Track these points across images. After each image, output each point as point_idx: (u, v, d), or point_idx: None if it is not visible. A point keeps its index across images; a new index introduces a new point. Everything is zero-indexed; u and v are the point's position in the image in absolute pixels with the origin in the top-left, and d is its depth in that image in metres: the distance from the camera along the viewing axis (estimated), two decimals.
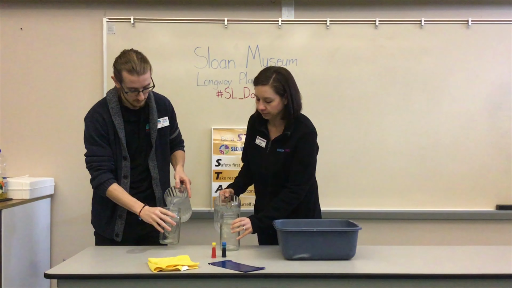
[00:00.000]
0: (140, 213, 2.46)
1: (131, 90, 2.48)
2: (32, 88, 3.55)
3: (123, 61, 2.46)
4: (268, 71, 2.53)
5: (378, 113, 3.54)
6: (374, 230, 3.50)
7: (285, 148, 2.55)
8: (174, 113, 2.80)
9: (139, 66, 2.44)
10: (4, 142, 3.52)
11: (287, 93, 2.50)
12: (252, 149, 2.70)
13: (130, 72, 2.43)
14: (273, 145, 2.59)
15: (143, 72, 2.45)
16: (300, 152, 2.54)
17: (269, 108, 2.51)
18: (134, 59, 2.45)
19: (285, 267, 2.16)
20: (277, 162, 2.56)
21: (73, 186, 3.54)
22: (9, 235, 3.09)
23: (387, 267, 2.20)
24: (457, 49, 3.53)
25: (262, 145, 2.64)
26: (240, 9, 3.54)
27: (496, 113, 3.54)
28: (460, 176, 3.54)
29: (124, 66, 2.45)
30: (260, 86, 2.50)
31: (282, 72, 2.53)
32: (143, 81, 2.46)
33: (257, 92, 2.53)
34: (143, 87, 2.48)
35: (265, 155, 2.61)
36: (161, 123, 2.68)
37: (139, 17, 3.50)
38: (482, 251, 2.57)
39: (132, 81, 2.45)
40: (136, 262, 2.23)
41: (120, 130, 2.56)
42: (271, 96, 2.49)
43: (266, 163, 2.60)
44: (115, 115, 2.56)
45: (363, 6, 3.56)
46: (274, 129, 2.63)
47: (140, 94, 2.49)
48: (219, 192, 2.76)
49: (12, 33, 3.54)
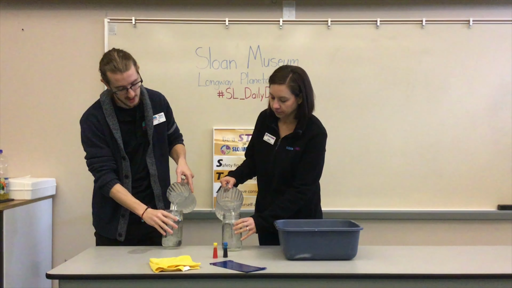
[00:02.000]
0: (143, 216, 2.46)
1: (119, 89, 2.47)
2: (33, 88, 3.56)
3: (105, 62, 2.46)
4: (285, 70, 2.53)
5: (379, 113, 3.55)
6: (376, 230, 3.50)
7: (295, 147, 2.56)
8: (169, 108, 2.79)
9: (121, 63, 2.43)
10: (6, 142, 3.53)
11: (303, 93, 2.51)
12: (259, 145, 2.69)
13: (113, 71, 2.43)
14: (283, 142, 2.60)
15: (125, 69, 2.43)
16: (310, 152, 2.55)
17: (284, 107, 2.51)
18: (115, 57, 2.44)
19: (286, 267, 2.16)
20: (285, 160, 2.56)
21: (75, 187, 3.55)
22: (11, 236, 3.09)
23: (388, 267, 2.19)
24: (458, 49, 3.53)
25: (270, 142, 2.63)
26: (241, 10, 3.55)
27: (497, 112, 3.54)
28: (461, 176, 3.54)
29: (107, 67, 2.45)
30: (276, 85, 2.50)
31: (298, 72, 2.53)
32: (128, 78, 2.45)
33: (272, 91, 2.52)
34: (129, 83, 2.46)
35: (273, 152, 2.61)
36: (157, 119, 2.67)
37: (140, 17, 3.51)
38: (484, 251, 2.57)
39: (117, 79, 2.44)
40: (138, 263, 2.23)
41: (115, 131, 2.55)
42: (286, 96, 2.49)
43: (273, 160, 2.60)
44: (109, 116, 2.56)
45: (364, 6, 3.56)
46: (284, 127, 2.64)
47: (129, 91, 2.47)
48: (220, 179, 2.70)
49: (14, 33, 3.55)
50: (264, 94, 3.53)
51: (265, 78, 3.52)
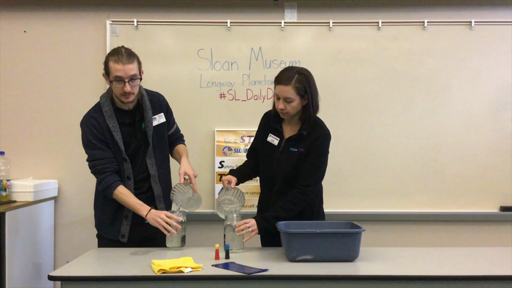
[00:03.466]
0: (147, 216, 2.47)
1: (116, 80, 2.48)
2: (35, 90, 3.57)
3: (111, 53, 2.54)
4: (291, 71, 2.54)
5: (381, 114, 3.54)
6: (378, 232, 3.49)
7: (299, 148, 2.56)
8: (169, 108, 2.79)
9: (125, 56, 2.48)
10: (8, 144, 3.53)
11: (308, 94, 2.52)
12: (263, 146, 2.69)
13: (115, 61, 2.48)
14: (287, 144, 2.60)
15: (127, 62, 2.47)
16: (314, 153, 2.55)
17: (289, 108, 2.52)
18: (121, 51, 2.50)
19: (288, 269, 2.16)
20: (289, 161, 2.57)
21: (77, 188, 3.55)
22: (13, 237, 3.09)
23: (390, 268, 2.20)
24: (460, 50, 3.53)
25: (274, 143, 2.64)
26: (243, 11, 3.55)
27: (500, 114, 3.54)
28: (464, 177, 3.54)
29: (111, 57, 2.51)
30: (282, 86, 2.50)
31: (304, 73, 2.54)
32: (128, 71, 2.47)
33: (278, 91, 2.53)
34: (128, 77, 2.47)
35: (277, 154, 2.61)
36: (157, 120, 2.68)
37: (142, 19, 3.51)
38: (486, 252, 2.57)
39: (117, 69, 2.47)
40: (140, 264, 2.23)
41: (115, 133, 2.56)
42: (292, 97, 2.50)
43: (277, 161, 2.60)
44: (109, 118, 2.57)
45: (366, 7, 3.56)
46: (289, 128, 2.64)
47: (126, 85, 2.48)
48: (222, 178, 2.67)
49: (16, 35, 3.56)
50: (266, 95, 3.53)
51: (267, 80, 3.52)
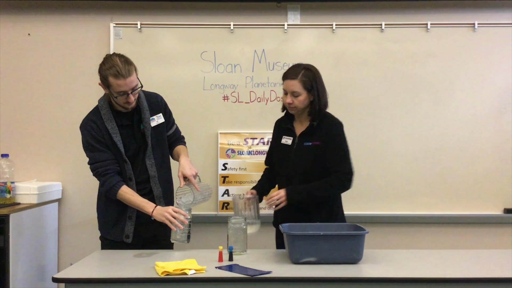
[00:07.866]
0: (153, 213, 2.48)
1: (120, 94, 2.48)
2: (39, 93, 3.58)
3: (107, 66, 2.45)
4: (298, 67, 2.64)
5: (384, 116, 3.54)
6: (381, 234, 3.49)
7: (313, 141, 2.61)
8: (168, 108, 2.78)
9: (124, 69, 2.43)
10: (12, 146, 3.54)
11: (314, 89, 2.60)
12: (278, 149, 2.75)
13: (116, 76, 2.43)
14: (300, 139, 2.65)
15: (128, 74, 2.44)
16: (332, 143, 2.61)
17: (296, 102, 2.60)
18: (118, 63, 2.44)
19: (292, 271, 2.16)
20: (305, 156, 2.61)
21: (81, 191, 3.56)
22: (17, 239, 3.10)
23: (394, 271, 2.19)
24: (463, 52, 3.53)
25: (288, 143, 2.69)
26: (246, 14, 3.56)
27: (503, 116, 3.53)
28: (467, 179, 3.53)
29: (109, 72, 2.44)
30: (288, 80, 2.60)
31: (311, 69, 2.64)
32: (130, 84, 2.46)
33: (285, 86, 2.62)
34: (131, 89, 2.47)
35: (292, 151, 2.66)
36: (155, 121, 2.67)
37: (145, 22, 3.52)
38: (490, 255, 2.55)
39: (119, 85, 2.45)
40: (143, 266, 2.23)
41: (114, 135, 2.56)
42: (298, 90, 2.58)
43: (293, 159, 2.65)
44: (108, 121, 2.57)
45: (369, 10, 3.56)
46: (300, 126, 2.70)
47: (129, 97, 2.49)
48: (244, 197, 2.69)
49: (20, 38, 3.57)
50: (269, 97, 3.53)
51: (270, 82, 3.52)
